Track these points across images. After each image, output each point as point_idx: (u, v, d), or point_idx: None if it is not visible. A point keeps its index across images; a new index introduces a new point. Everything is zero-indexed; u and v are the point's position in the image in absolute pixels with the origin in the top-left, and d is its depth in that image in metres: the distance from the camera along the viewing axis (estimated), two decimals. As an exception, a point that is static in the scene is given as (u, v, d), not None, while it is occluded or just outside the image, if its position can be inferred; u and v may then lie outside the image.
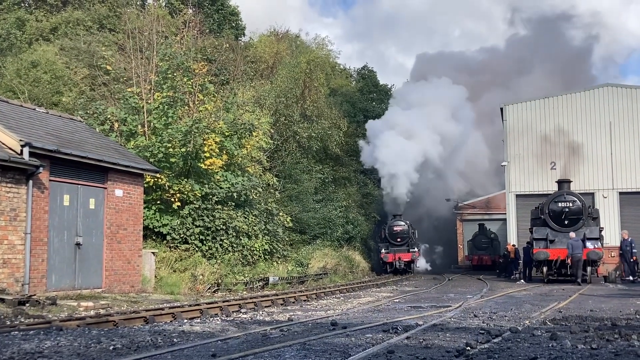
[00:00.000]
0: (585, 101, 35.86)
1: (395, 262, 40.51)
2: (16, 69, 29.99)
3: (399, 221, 42.60)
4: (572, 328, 9.54)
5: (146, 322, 10.88)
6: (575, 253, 26.02)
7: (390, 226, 42.48)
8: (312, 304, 16.20)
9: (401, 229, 41.89)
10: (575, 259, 26.08)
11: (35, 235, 15.81)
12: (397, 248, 41.42)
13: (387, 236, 41.97)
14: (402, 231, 41.79)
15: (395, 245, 41.65)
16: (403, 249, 41.31)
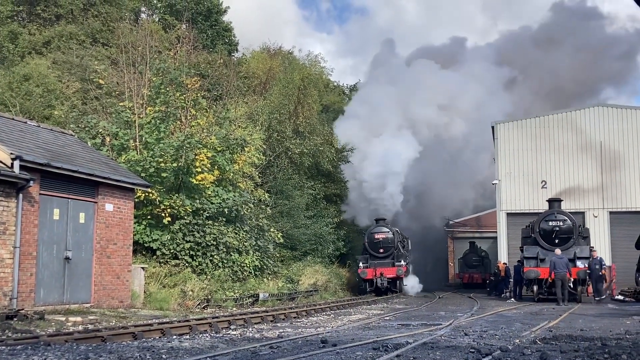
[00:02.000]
0: (576, 120, 36.04)
1: (376, 279, 34.04)
2: (8, 82, 29.92)
3: (382, 227, 36.24)
4: (562, 347, 9.52)
5: (135, 338, 10.80)
6: (558, 271, 25.49)
7: (370, 233, 36.18)
8: (302, 321, 16.13)
9: (384, 237, 35.57)
10: (557, 276, 25.49)
11: (25, 249, 15.70)
12: (379, 261, 35.01)
13: (367, 246, 35.87)
14: (385, 239, 35.49)
15: (377, 257, 35.31)
16: (386, 263, 34.91)
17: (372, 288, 34.38)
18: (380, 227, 36.46)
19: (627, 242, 32.18)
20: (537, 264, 27.31)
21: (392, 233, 35.85)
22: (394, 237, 35.74)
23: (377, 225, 36.94)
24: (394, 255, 35.43)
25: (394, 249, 35.69)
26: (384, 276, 34.08)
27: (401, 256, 35.57)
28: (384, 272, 34.25)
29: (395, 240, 35.71)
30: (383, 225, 36.50)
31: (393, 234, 35.81)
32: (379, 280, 34.05)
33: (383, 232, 35.85)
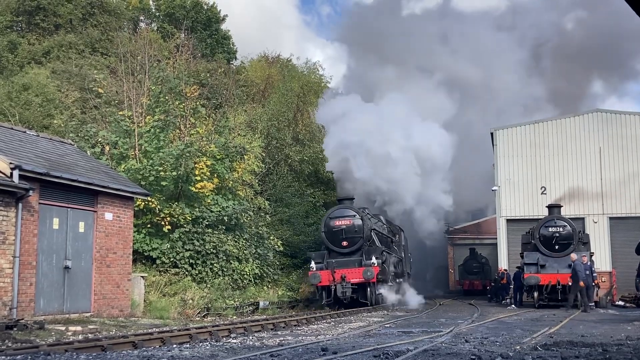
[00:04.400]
0: (575, 126, 36.06)
1: (334, 285, 24.62)
2: (7, 92, 29.99)
3: (345, 210, 26.65)
4: (563, 353, 9.50)
5: (135, 347, 10.78)
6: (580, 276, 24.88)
7: (329, 218, 26.67)
8: (303, 329, 16.10)
9: (348, 224, 26.05)
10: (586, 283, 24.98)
11: (24, 258, 15.68)
12: (341, 259, 25.63)
13: (324, 238, 26.52)
14: (350, 228, 26.04)
15: (340, 253, 26.01)
16: (351, 262, 25.49)
17: (330, 299, 24.89)
18: (342, 209, 26.79)
19: (627, 248, 32.15)
20: (538, 270, 27.28)
21: (361, 218, 26.18)
22: (364, 224, 26.16)
23: (338, 207, 27.47)
24: (363, 250, 25.89)
25: (364, 241, 26.08)
26: (346, 281, 24.57)
27: (374, 252, 25.77)
28: (347, 274, 24.73)
29: (364, 228, 26.08)
30: (347, 208, 26.81)
31: (362, 220, 26.17)
32: (339, 287, 24.56)
33: (346, 216, 26.30)
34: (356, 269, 25.12)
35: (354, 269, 25.14)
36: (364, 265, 25.18)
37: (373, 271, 24.79)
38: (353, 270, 25.11)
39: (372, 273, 24.71)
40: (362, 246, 26.14)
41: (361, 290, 25.29)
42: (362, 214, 26.82)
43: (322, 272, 25.10)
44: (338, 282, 24.73)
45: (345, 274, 24.77)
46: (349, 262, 25.57)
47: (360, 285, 25.11)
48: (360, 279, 24.82)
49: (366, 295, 25.36)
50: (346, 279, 24.67)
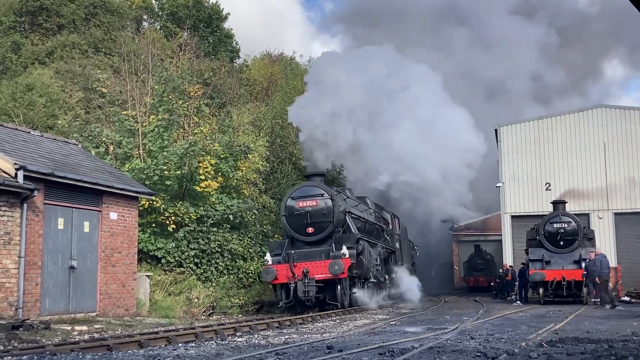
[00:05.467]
0: (579, 122, 35.98)
1: (293, 282, 20.27)
2: (11, 93, 30.04)
3: (310, 189, 22.17)
4: (569, 350, 9.49)
5: (140, 347, 10.80)
6: (604, 272, 24.60)
7: (291, 198, 22.13)
8: (308, 326, 16.11)
9: (314, 206, 21.63)
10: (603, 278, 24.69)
11: (29, 259, 15.73)
12: (305, 250, 21.39)
13: (285, 223, 22.17)
14: (316, 210, 21.61)
15: (304, 243, 21.75)
16: (318, 252, 21.12)
17: (289, 300, 20.53)
18: (306, 187, 22.28)
19: (632, 243, 32.11)
20: (543, 267, 27.25)
21: (331, 198, 21.59)
22: (334, 205, 21.48)
23: (301, 184, 23.25)
24: (333, 237, 21.40)
25: (335, 227, 21.59)
26: (309, 277, 20.15)
27: (347, 240, 21.14)
28: (310, 269, 20.27)
29: (335, 210, 21.42)
30: (313, 185, 22.19)
31: (332, 200, 21.56)
32: (300, 286, 20.11)
33: (312, 196, 21.82)
34: (321, 261, 20.43)
35: (318, 262, 20.43)
36: (332, 256, 20.50)
37: (342, 264, 19.89)
38: (318, 263, 20.41)
39: (340, 267, 19.84)
40: (333, 233, 21.46)
41: (330, 288, 20.67)
42: (333, 192, 22.01)
43: (279, 267, 20.68)
44: (299, 278, 20.11)
45: (307, 269, 20.13)
46: (315, 254, 20.99)
47: (329, 282, 20.48)
48: (326, 275, 20.12)
49: (336, 294, 20.58)
50: (309, 274, 20.07)
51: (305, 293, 20.14)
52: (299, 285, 20.16)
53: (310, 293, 20.15)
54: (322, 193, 21.83)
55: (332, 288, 20.66)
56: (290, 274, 20.36)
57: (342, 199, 22.94)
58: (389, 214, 30.28)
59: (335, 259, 20.37)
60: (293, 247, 21.63)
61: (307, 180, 23.14)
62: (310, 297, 20.23)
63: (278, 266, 20.81)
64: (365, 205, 26.53)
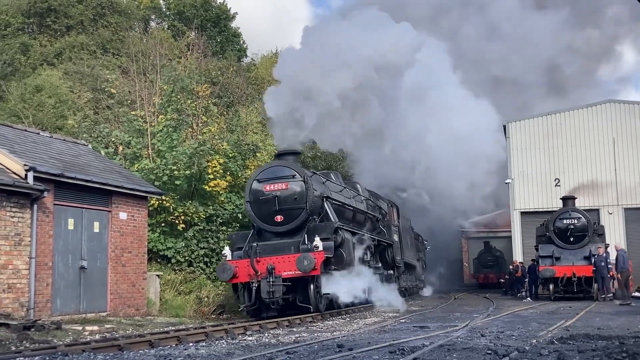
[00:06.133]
0: (588, 117, 35.85)
1: (255, 282, 17.11)
2: (20, 94, 30.20)
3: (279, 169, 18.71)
4: (580, 347, 9.47)
5: (151, 346, 10.84)
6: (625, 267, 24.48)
7: (257, 181, 18.64)
8: (318, 325, 16.12)
9: (283, 190, 18.26)
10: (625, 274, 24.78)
11: (40, 259, 15.80)
12: (272, 242, 18.17)
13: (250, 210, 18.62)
14: (286, 195, 18.24)
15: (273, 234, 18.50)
16: (287, 245, 17.92)
17: (250, 303, 17.57)
18: (275, 168, 18.86)
19: (642, 238, 31.95)
20: (553, 263, 27.17)
21: (304, 181, 18.23)
22: (307, 189, 18.18)
23: (269, 164, 20.13)
24: (308, 227, 18.05)
25: (309, 215, 18.29)
26: (275, 274, 16.89)
27: (322, 230, 17.93)
28: (276, 265, 17.05)
29: (308, 195, 18.13)
30: (283, 166, 18.75)
31: (305, 183, 18.19)
32: (264, 285, 16.92)
33: (281, 178, 18.41)
34: (289, 256, 17.18)
35: (286, 257, 17.19)
36: (302, 250, 17.23)
37: (312, 259, 16.56)
38: (285, 258, 17.15)
39: (310, 262, 16.51)
40: (307, 222, 18.20)
41: (301, 288, 17.58)
42: (307, 173, 18.76)
43: (240, 263, 17.51)
44: (263, 276, 16.90)
45: (273, 265, 16.89)
46: (283, 247, 17.81)
47: (300, 281, 17.32)
48: (295, 272, 16.87)
49: (308, 295, 17.42)
50: (275, 271, 16.85)
51: (269, 294, 16.80)
52: (263, 284, 16.93)
53: (276, 294, 16.80)
54: (293, 174, 18.38)
55: (305, 287, 17.50)
56: (252, 272, 17.09)
57: (320, 182, 19.70)
58: (385, 202, 27.20)
59: (305, 251, 17.13)
60: (260, 239, 18.34)
61: (281, 156, 19.26)
62: (276, 299, 16.88)
63: (238, 262, 17.64)
64: (353, 191, 23.24)
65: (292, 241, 17.98)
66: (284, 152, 19.39)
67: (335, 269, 18.39)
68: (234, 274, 17.43)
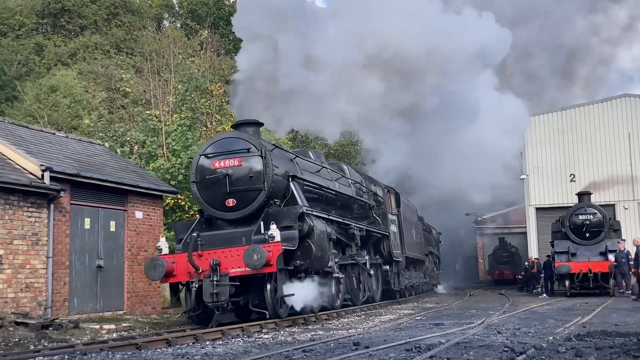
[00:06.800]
0: (603, 112, 35.66)
1: (196, 282, 14.09)
2: (35, 94, 30.41)
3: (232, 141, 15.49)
4: (597, 344, 9.44)
5: (169, 345, 10.90)
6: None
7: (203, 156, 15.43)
8: (334, 322, 16.13)
9: (236, 167, 15.03)
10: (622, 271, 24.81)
11: (57, 259, 15.93)
12: (222, 232, 15.10)
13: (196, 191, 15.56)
14: (240, 174, 15.01)
15: (226, 221, 15.37)
16: (238, 235, 14.80)
17: (189, 309, 14.80)
18: (228, 140, 15.67)
19: (659, 234, 31.70)
20: (569, 259, 27.05)
21: (262, 154, 15.00)
22: (266, 166, 14.97)
23: (221, 135, 18.04)
24: (267, 213, 14.84)
25: (269, 199, 15.13)
26: (221, 272, 13.85)
27: (284, 216, 14.82)
28: (223, 260, 13.98)
29: (267, 173, 14.93)
30: (236, 137, 15.52)
31: (264, 157, 14.98)
32: (207, 286, 13.86)
33: (234, 152, 15.13)
34: (238, 248, 13.93)
35: (234, 250, 13.96)
36: (255, 241, 14.09)
37: (263, 253, 13.34)
38: (233, 251, 13.94)
39: (261, 256, 13.32)
40: (267, 206, 15.03)
41: (256, 288, 14.40)
42: (266, 146, 15.54)
43: (177, 257, 14.50)
44: (206, 274, 13.86)
45: (218, 260, 13.82)
46: (234, 238, 14.67)
47: (253, 280, 14.24)
48: (244, 269, 13.67)
49: (265, 297, 14.24)
50: (220, 268, 13.80)
51: (213, 296, 13.70)
52: (206, 285, 13.83)
53: (222, 296, 13.68)
54: (248, 147, 15.06)
55: (260, 288, 14.28)
56: (192, 269, 14.07)
57: (286, 159, 16.51)
58: (381, 188, 24.03)
59: (255, 242, 14.01)
60: (210, 228, 15.39)
61: (239, 127, 16.01)
62: (221, 303, 13.74)
63: (176, 256, 14.58)
64: (337, 172, 20.24)
65: (245, 230, 14.74)
66: (243, 122, 16.04)
67: (301, 265, 14.99)
68: (168, 272, 14.28)
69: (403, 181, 32.25)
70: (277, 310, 14.45)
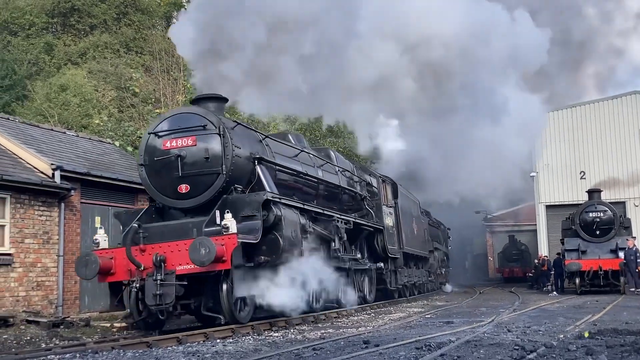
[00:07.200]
0: (614, 109, 35.51)
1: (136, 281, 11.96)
2: (46, 93, 30.53)
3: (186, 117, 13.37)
4: (608, 342, 9.41)
5: (179, 343, 10.93)
6: None
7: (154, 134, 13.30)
8: (343, 321, 16.14)
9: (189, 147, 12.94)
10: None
11: (68, 257, 16.02)
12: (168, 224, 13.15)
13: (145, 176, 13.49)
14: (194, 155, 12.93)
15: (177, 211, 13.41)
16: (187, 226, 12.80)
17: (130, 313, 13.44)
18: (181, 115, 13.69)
19: (670, 231, 31.58)
20: (579, 256, 26.99)
21: (220, 132, 12.99)
22: (225, 144, 12.99)
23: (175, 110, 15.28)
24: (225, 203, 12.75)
25: (229, 182, 13.06)
26: (165, 269, 11.77)
27: (245, 204, 12.81)
28: (169, 255, 11.88)
29: (226, 154, 12.97)
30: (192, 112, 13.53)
31: (223, 136, 13.01)
32: (149, 286, 11.77)
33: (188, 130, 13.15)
34: (186, 241, 11.81)
35: (181, 243, 11.89)
36: (206, 232, 12.13)
37: (212, 246, 11.28)
38: (180, 245, 11.87)
39: (210, 250, 11.25)
40: (226, 192, 13.01)
41: (210, 289, 12.45)
42: (226, 123, 13.41)
43: (116, 252, 12.46)
44: (149, 272, 11.84)
45: (163, 255, 11.83)
46: (185, 229, 12.73)
47: (207, 278, 12.29)
48: (192, 266, 11.58)
49: (220, 299, 12.32)
50: (165, 265, 11.79)
51: (157, 298, 11.68)
52: (148, 284, 11.81)
53: (167, 298, 11.70)
54: (204, 124, 13.05)
55: (215, 288, 12.32)
56: (131, 267, 12.09)
57: (252, 139, 14.41)
58: (376, 177, 22.15)
59: (206, 236, 11.78)
60: (162, 219, 13.52)
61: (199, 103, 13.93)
62: (166, 307, 11.81)
63: (115, 251, 12.52)
64: (322, 159, 18.21)
65: (197, 221, 12.73)
66: (204, 96, 14.06)
67: (266, 261, 13.05)
68: (104, 270, 12.24)
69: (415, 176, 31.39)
70: (235, 314, 12.58)
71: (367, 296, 20.31)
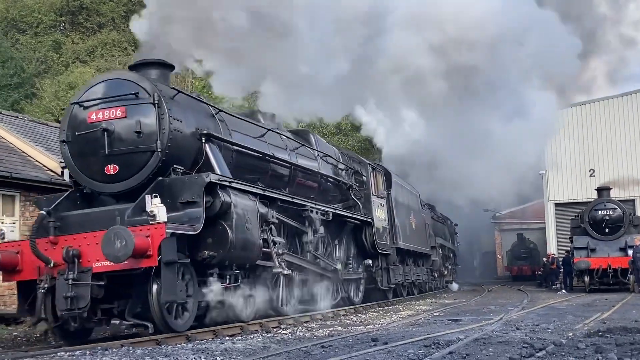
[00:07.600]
0: (623, 106, 35.38)
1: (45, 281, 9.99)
2: (54, 91, 30.65)
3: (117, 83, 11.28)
4: (618, 340, 9.39)
5: (188, 340, 10.95)
6: None
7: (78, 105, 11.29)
8: (352, 318, 16.16)
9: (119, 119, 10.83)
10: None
11: (77, 255, 16.02)
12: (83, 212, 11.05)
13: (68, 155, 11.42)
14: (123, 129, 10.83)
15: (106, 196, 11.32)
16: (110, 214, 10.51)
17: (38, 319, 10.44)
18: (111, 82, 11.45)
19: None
20: (588, 254, 26.93)
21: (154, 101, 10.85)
22: (161, 116, 10.85)
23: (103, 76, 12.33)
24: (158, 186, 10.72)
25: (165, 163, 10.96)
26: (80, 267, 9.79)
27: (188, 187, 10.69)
28: (85, 250, 9.87)
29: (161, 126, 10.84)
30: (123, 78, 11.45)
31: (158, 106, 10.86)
32: (61, 286, 9.78)
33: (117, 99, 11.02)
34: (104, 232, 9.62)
35: (98, 235, 9.85)
36: (128, 222, 10.21)
37: (130, 239, 9.28)
38: (97, 237, 9.82)
39: (126, 243, 9.28)
40: (164, 175, 11.05)
41: (137, 290, 10.51)
42: (163, 91, 11.33)
43: (24, 245, 10.52)
44: (62, 269, 10.00)
45: (78, 249, 9.93)
46: (110, 217, 10.49)
47: (135, 278, 10.31)
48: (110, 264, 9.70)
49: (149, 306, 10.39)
50: (80, 261, 9.93)
51: (68, 302, 9.85)
52: (59, 285, 9.99)
53: (81, 302, 9.88)
54: (136, 91, 11.02)
55: (144, 290, 10.37)
56: (40, 263, 10.21)
57: (201, 112, 12.49)
58: (366, 166, 19.92)
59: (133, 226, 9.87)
60: (88, 206, 11.44)
61: None
62: (80, 312, 9.97)
63: (23, 244, 10.66)
64: (297, 141, 16.14)
65: (122, 208, 10.73)
66: (143, 62, 11.98)
67: (212, 257, 11.13)
68: (6, 266, 10.43)
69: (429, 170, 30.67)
70: (169, 321, 10.55)
71: (352, 297, 18.65)
